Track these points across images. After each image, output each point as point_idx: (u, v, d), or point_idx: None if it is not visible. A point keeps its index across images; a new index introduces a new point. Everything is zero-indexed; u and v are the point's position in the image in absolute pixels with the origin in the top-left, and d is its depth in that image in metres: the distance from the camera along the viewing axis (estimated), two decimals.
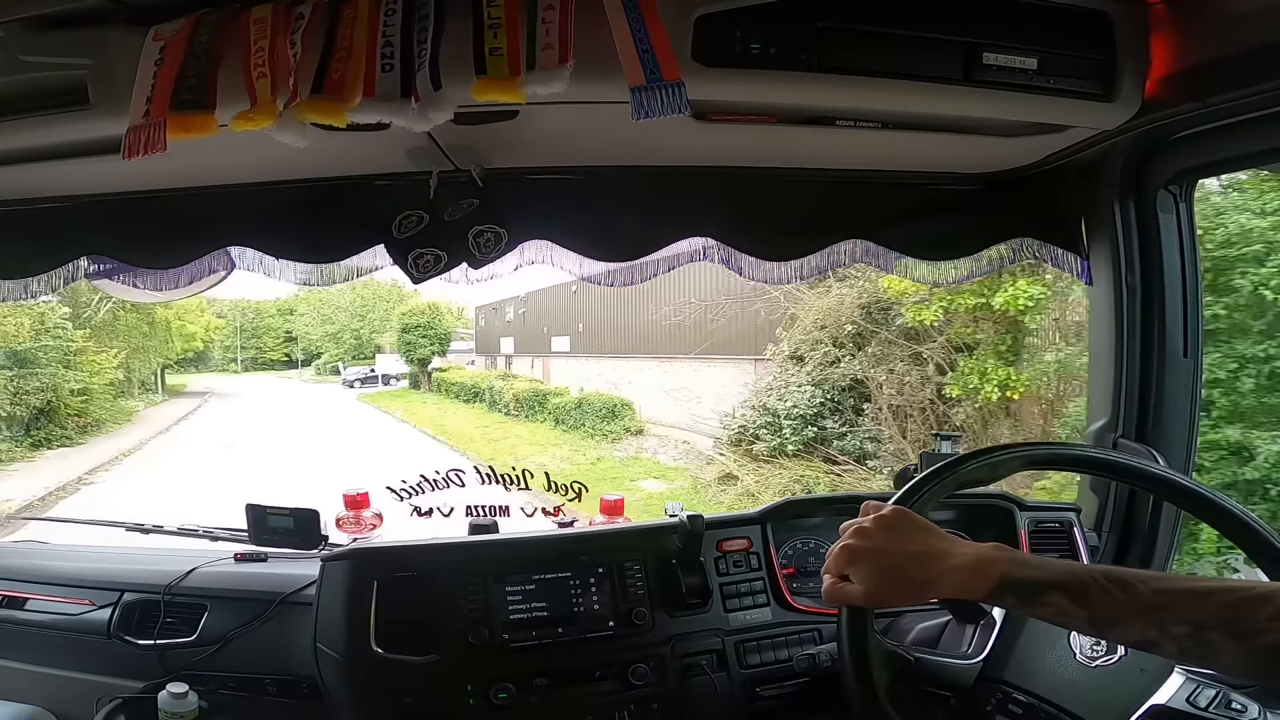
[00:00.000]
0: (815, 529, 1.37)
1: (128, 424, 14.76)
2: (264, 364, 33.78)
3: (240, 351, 33.88)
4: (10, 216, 1.35)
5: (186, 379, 27.18)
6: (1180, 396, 1.31)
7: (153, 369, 18.70)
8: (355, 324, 28.71)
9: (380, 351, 26.63)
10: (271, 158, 1.21)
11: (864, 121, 1.12)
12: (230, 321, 32.17)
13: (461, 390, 17.88)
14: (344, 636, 1.14)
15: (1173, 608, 0.64)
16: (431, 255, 1.22)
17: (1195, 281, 1.29)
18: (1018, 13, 1.00)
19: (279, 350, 33.83)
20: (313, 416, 17.74)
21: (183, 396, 22.25)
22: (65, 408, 12.52)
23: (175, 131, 0.87)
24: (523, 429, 13.26)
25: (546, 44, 0.84)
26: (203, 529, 1.55)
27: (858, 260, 1.42)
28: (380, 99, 0.85)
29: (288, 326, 33.21)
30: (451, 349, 22.35)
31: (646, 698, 1.17)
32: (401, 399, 20.23)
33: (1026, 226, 1.39)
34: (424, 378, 21.22)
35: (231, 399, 22.36)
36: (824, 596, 0.78)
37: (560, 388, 14.22)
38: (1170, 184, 1.25)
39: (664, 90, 0.83)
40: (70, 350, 12.68)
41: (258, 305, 33.79)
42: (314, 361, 30.52)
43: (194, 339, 23.47)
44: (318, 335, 30.32)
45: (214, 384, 26.57)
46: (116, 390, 14.96)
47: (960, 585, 0.70)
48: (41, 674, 1.34)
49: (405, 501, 1.45)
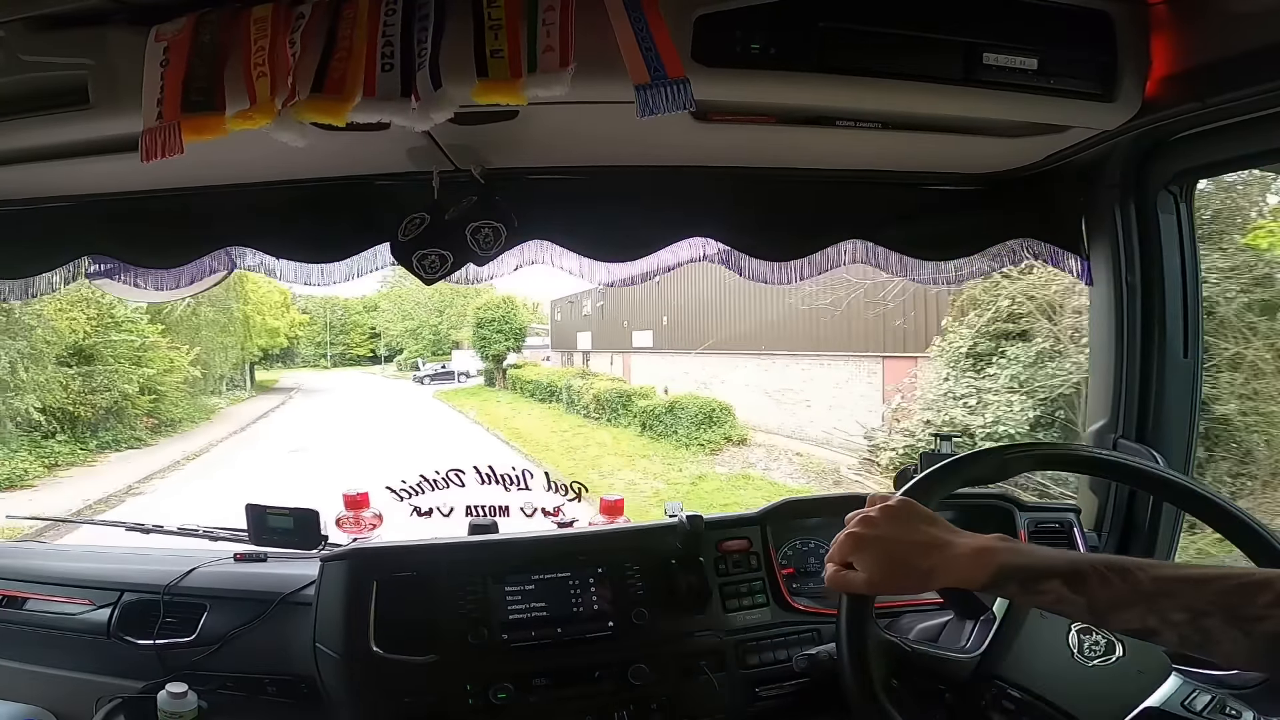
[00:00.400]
0: (815, 529, 1.37)
1: (206, 422, 14.20)
2: (351, 359, 34.02)
3: (329, 347, 34.09)
4: (11, 216, 1.35)
5: (278, 374, 26.99)
6: (1180, 397, 1.31)
7: (234, 365, 18.20)
8: (434, 319, 28.51)
9: (458, 347, 26.35)
10: (272, 158, 1.21)
11: (864, 122, 1.12)
12: (315, 317, 32.16)
13: (537, 389, 16.82)
14: (343, 636, 1.14)
15: (1172, 595, 0.63)
16: (436, 255, 1.22)
17: (1195, 282, 1.29)
18: (1018, 13, 1.00)
19: (365, 346, 34.01)
20: (387, 414, 16.91)
21: (271, 392, 21.94)
22: (133, 407, 11.91)
23: (188, 134, 0.88)
24: (605, 435, 11.89)
25: (547, 46, 0.84)
26: (202, 529, 1.55)
27: (858, 260, 1.42)
28: (380, 98, 0.85)
29: (372, 322, 33.23)
30: (527, 345, 21.72)
31: (646, 698, 1.17)
32: (475, 397, 19.43)
33: (1026, 227, 1.39)
34: (499, 374, 20.66)
35: (315, 395, 22.05)
36: (827, 583, 0.79)
37: (646, 388, 12.91)
38: (1170, 184, 1.25)
39: (669, 87, 0.83)
40: (141, 346, 12.13)
41: (345, 302, 34.00)
42: (396, 357, 30.38)
43: (278, 334, 23.05)
44: (398, 331, 30.19)
45: (303, 379, 26.37)
46: (196, 387, 14.48)
47: (961, 574, 0.71)
48: (41, 674, 1.33)
49: (405, 501, 1.45)
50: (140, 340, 12.07)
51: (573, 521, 1.46)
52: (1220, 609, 0.62)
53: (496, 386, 20.35)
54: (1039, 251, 1.40)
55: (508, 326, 20.75)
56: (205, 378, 15.15)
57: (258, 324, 19.75)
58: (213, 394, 16.27)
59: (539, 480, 1.50)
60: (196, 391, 14.71)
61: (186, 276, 1.39)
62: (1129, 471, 1.01)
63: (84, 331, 10.90)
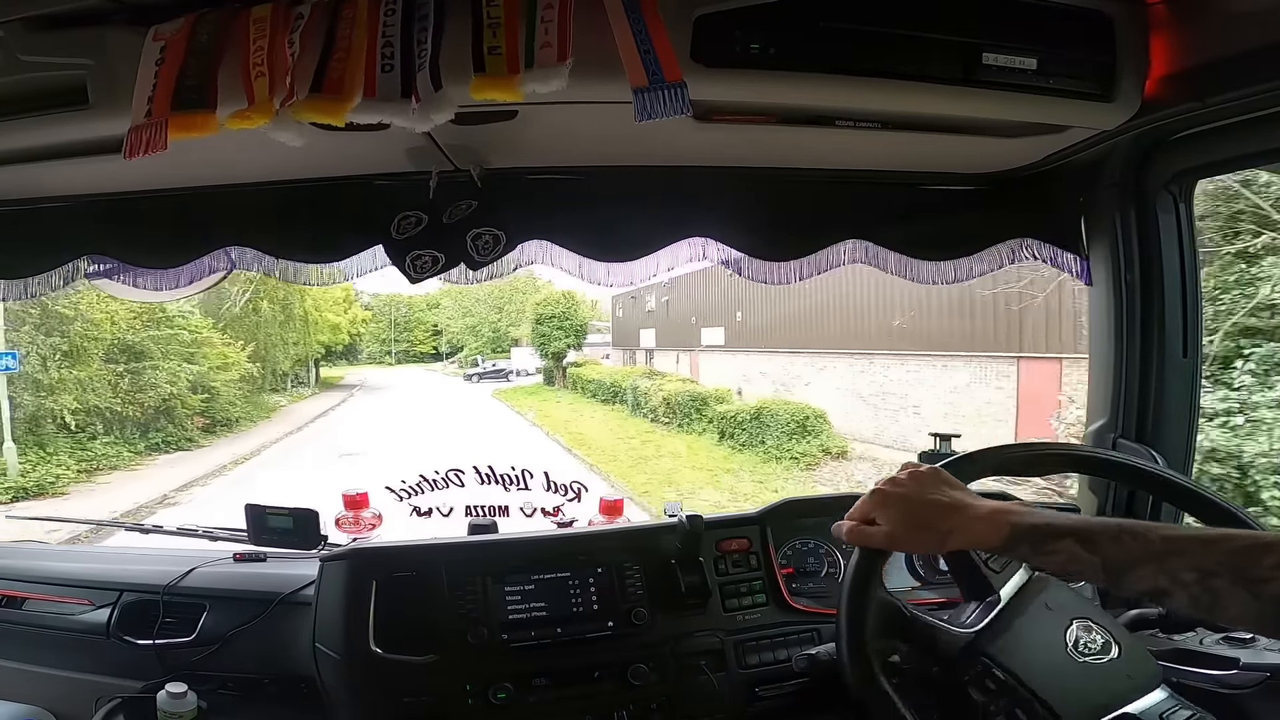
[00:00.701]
0: (814, 529, 1.37)
1: (265, 421, 13.67)
2: (414, 357, 34.03)
3: (393, 344, 34.08)
4: (10, 216, 1.35)
5: (343, 371, 26.72)
6: (1179, 397, 1.31)
7: (298, 361, 17.78)
8: (493, 317, 28.20)
9: (517, 345, 25.95)
10: (271, 158, 1.21)
11: (864, 122, 1.12)
12: (379, 314, 32.12)
13: (599, 389, 15.91)
14: (343, 636, 1.14)
15: (1182, 554, 0.64)
16: (429, 256, 1.22)
17: (1195, 282, 1.29)
18: (1017, 13, 1.00)
19: (428, 343, 34.10)
20: (443, 414, 16.09)
21: (335, 389, 21.68)
22: (183, 406, 11.27)
23: (176, 131, 0.87)
24: (677, 443, 10.66)
25: (545, 42, 0.84)
26: (202, 529, 1.55)
27: (857, 260, 1.42)
28: (380, 99, 0.85)
29: (434, 320, 33.29)
30: (586, 342, 21.04)
31: (645, 698, 1.17)
32: (534, 396, 18.53)
33: (1026, 226, 1.39)
34: (558, 373, 19.83)
35: (376, 393, 21.56)
36: (844, 536, 0.81)
37: (721, 390, 11.73)
38: (1170, 184, 1.25)
39: (666, 91, 0.83)
40: (192, 342, 11.65)
41: (409, 299, 34.07)
42: (457, 355, 30.34)
43: (340, 331, 22.57)
44: (458, 328, 30.13)
45: (367, 376, 25.91)
46: (255, 385, 13.89)
47: (977, 535, 0.73)
48: (40, 674, 1.33)
49: (405, 501, 1.45)
50: (192, 336, 11.66)
51: (572, 521, 1.46)
52: (1228, 570, 0.62)
53: (556, 385, 19.59)
54: (1039, 251, 1.40)
55: (568, 323, 20.01)
56: (265, 374, 14.70)
57: (318, 320, 19.20)
58: (274, 391, 15.86)
59: (538, 480, 1.50)
60: (256, 389, 14.20)
61: (185, 276, 1.39)
62: (1127, 472, 1.01)
63: (125, 326, 10.41)
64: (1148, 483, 1.03)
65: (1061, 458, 1.00)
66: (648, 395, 12.90)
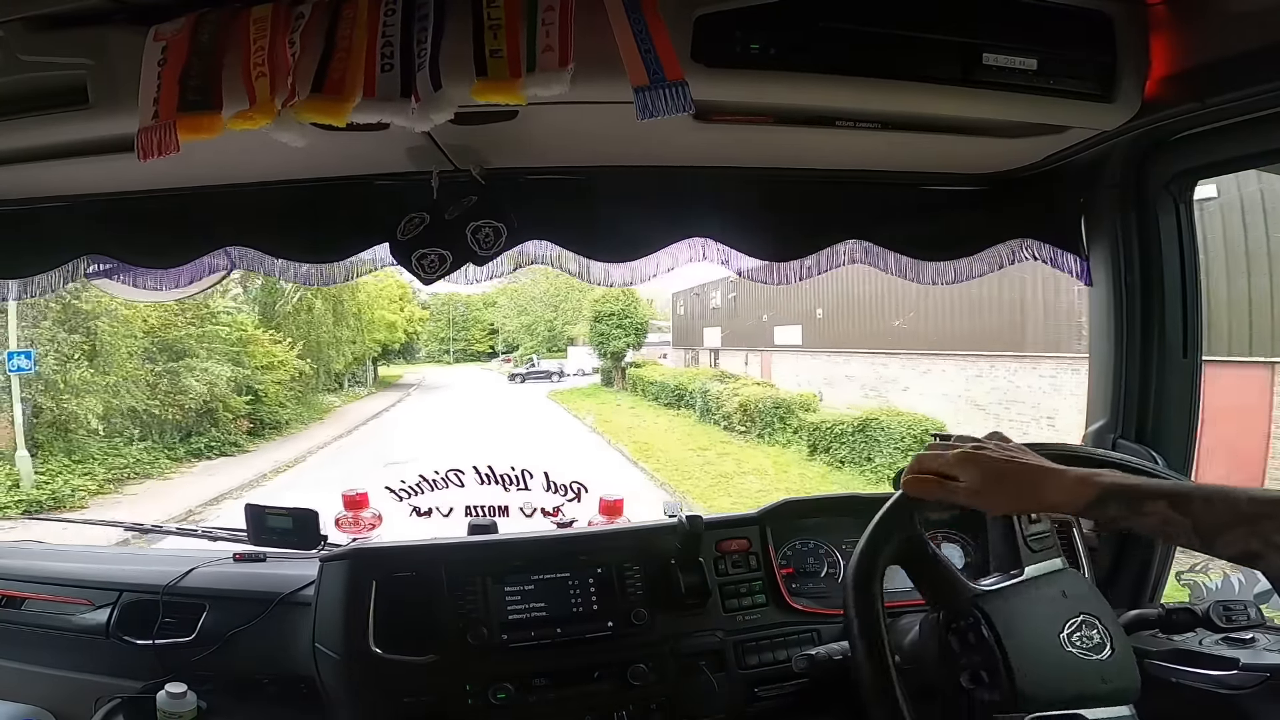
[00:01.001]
0: (814, 529, 1.37)
1: (317, 423, 12.80)
2: (472, 355, 33.62)
3: (451, 343, 33.77)
4: (10, 216, 1.35)
5: (401, 370, 26.16)
6: (1179, 397, 1.31)
7: (354, 360, 16.70)
8: (549, 315, 26.92)
9: (573, 344, 25.07)
10: (271, 158, 1.21)
11: (863, 122, 1.12)
12: (436, 313, 31.56)
13: (662, 392, 14.64)
14: (342, 636, 1.14)
15: (1272, 516, 0.65)
16: (436, 255, 1.22)
17: (1195, 282, 1.29)
18: (1017, 13, 1.00)
19: (485, 342, 33.59)
20: (497, 416, 15.07)
21: (392, 388, 20.79)
22: (225, 408, 10.46)
23: (184, 133, 0.88)
24: (759, 457, 9.34)
25: (546, 45, 0.84)
26: (201, 529, 1.55)
27: (857, 260, 1.42)
28: (380, 99, 0.85)
29: (491, 319, 32.55)
30: (645, 341, 19.60)
31: (645, 698, 1.17)
32: (592, 399, 17.23)
33: (1026, 227, 1.39)
34: (617, 373, 18.48)
35: (432, 393, 20.75)
36: (922, 493, 0.82)
37: (806, 395, 10.42)
38: (1170, 184, 1.25)
39: (667, 90, 0.83)
40: (238, 340, 10.82)
41: (466, 298, 33.59)
42: (512, 353, 29.51)
43: (395, 329, 21.35)
44: (514, 327, 29.13)
45: (425, 375, 25.45)
46: (308, 384, 13.04)
47: (1068, 494, 0.75)
48: (40, 674, 1.33)
49: (404, 502, 1.45)
50: (235, 334, 10.83)
51: (572, 522, 1.46)
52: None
53: (615, 387, 18.32)
54: (1039, 251, 1.40)
55: (628, 321, 18.46)
56: (317, 374, 13.71)
57: (372, 318, 17.84)
58: (329, 390, 14.99)
59: (538, 480, 1.50)
60: (309, 389, 13.33)
61: (186, 276, 1.39)
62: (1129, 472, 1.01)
63: (157, 322, 9.57)
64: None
65: (1060, 458, 1.00)
66: (720, 400, 11.60)
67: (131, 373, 9.21)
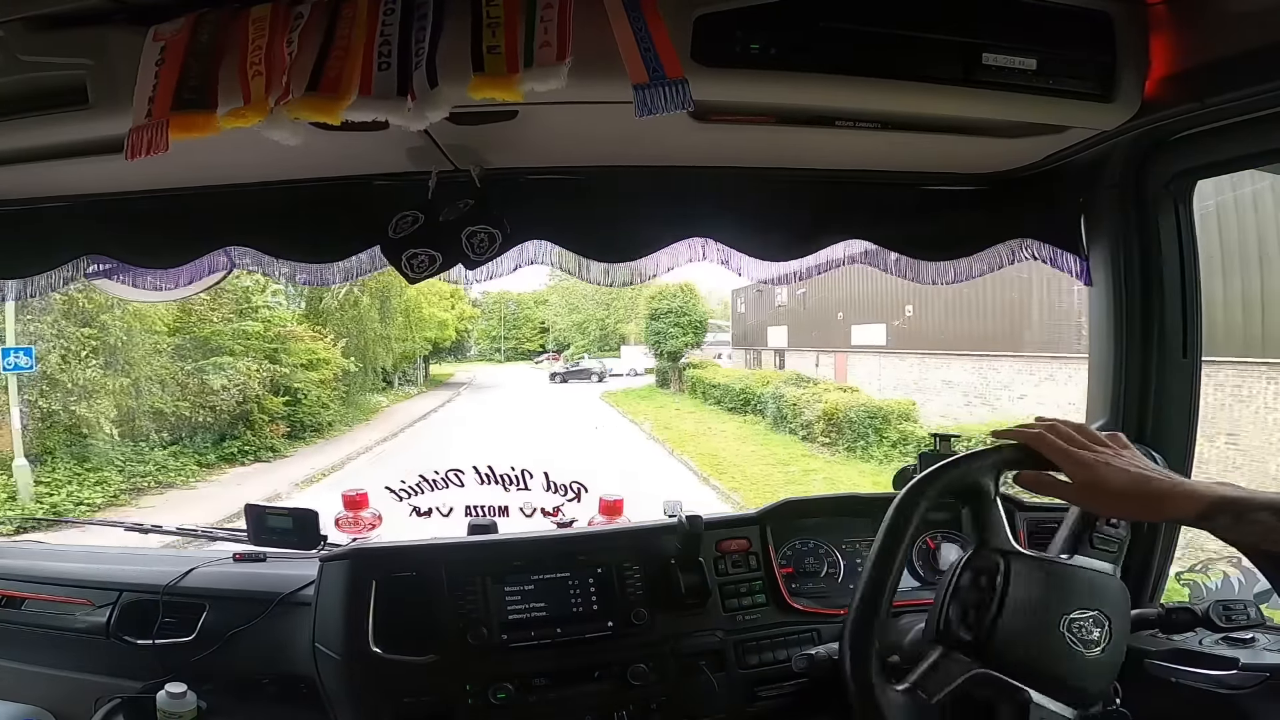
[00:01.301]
0: (814, 529, 1.37)
1: (364, 424, 12.07)
2: (523, 354, 33.17)
3: (503, 341, 33.35)
4: (10, 216, 1.35)
5: (453, 368, 25.63)
6: (1179, 397, 1.31)
7: (404, 358, 15.94)
8: (600, 313, 26.19)
9: (625, 343, 24.51)
10: (271, 158, 1.21)
11: (863, 122, 1.12)
12: (487, 311, 31.13)
13: (725, 395, 13.31)
14: (342, 636, 1.14)
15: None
16: (426, 255, 1.21)
17: (1195, 282, 1.28)
18: (1017, 13, 1.00)
19: (535, 341, 33.10)
20: (549, 418, 14.29)
21: (442, 387, 20.22)
22: (260, 410, 9.69)
23: (177, 131, 0.87)
24: (852, 474, 8.29)
25: (545, 41, 0.84)
26: (201, 529, 1.56)
27: (857, 261, 1.42)
28: (376, 97, 0.84)
29: (541, 317, 32.21)
30: (703, 340, 18.57)
31: (645, 698, 1.17)
32: (648, 401, 16.05)
33: (1026, 227, 1.39)
34: (673, 375, 17.17)
35: (483, 392, 20.07)
36: (1034, 486, 0.83)
37: (904, 403, 9.09)
38: (1170, 184, 1.24)
39: (667, 87, 0.83)
40: (275, 337, 10.17)
41: (518, 296, 33.07)
42: (563, 352, 28.67)
43: (446, 327, 19.86)
44: (565, 325, 28.60)
45: (476, 374, 24.94)
46: (354, 384, 12.28)
47: (1181, 503, 0.76)
48: (40, 674, 1.34)
49: (404, 501, 1.45)
50: (274, 329, 10.10)
51: (572, 522, 1.46)
52: None
53: (671, 389, 17.04)
54: (1039, 251, 1.40)
55: (686, 319, 17.23)
56: (364, 372, 12.93)
57: (422, 315, 16.62)
58: (377, 390, 14.14)
59: (538, 480, 1.50)
60: (355, 388, 12.53)
61: (185, 276, 1.39)
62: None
63: (181, 318, 8.93)
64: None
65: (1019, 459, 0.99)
66: (797, 407, 10.23)
67: (157, 371, 8.55)
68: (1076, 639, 0.84)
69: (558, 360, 26.86)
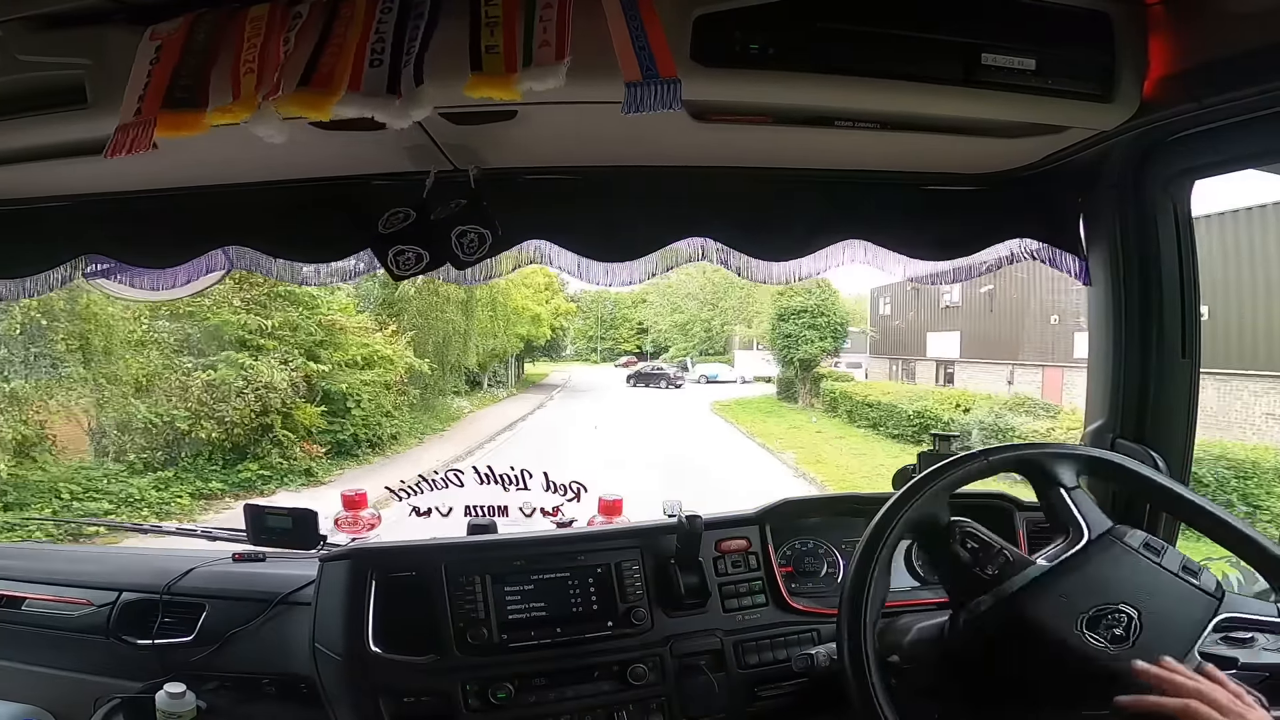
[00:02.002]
0: (814, 529, 1.37)
1: (437, 435, 10.03)
2: (619, 355, 31.51)
3: (599, 341, 31.98)
4: (8, 216, 1.35)
5: (549, 368, 24.08)
6: (1178, 397, 1.31)
7: (490, 356, 13.65)
8: (705, 313, 23.65)
9: (744, 347, 21.83)
10: (271, 158, 1.21)
11: (862, 122, 1.12)
12: (583, 309, 28.90)
13: (889, 418, 10.45)
14: (342, 636, 1.14)
15: None
16: (413, 253, 1.20)
17: (1193, 282, 1.29)
18: (1016, 13, 1.00)
19: (632, 341, 31.52)
20: (656, 431, 12.14)
21: (535, 389, 18.22)
22: (282, 424, 7.55)
23: (165, 129, 0.86)
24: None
25: (543, 41, 0.83)
26: (201, 529, 1.56)
27: (856, 260, 1.42)
28: (365, 94, 0.83)
29: (639, 317, 30.21)
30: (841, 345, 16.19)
31: (645, 698, 1.17)
32: (774, 418, 13.33)
33: (1025, 227, 1.39)
34: (804, 386, 14.56)
35: (579, 397, 17.68)
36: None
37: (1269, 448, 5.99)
38: (1168, 185, 1.25)
39: (658, 86, 0.82)
40: (320, 326, 8.15)
41: (615, 296, 30.73)
42: (662, 354, 27.03)
43: (541, 322, 17.15)
44: (666, 325, 26.12)
45: (572, 374, 23.39)
46: (427, 385, 10.25)
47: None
48: (39, 674, 1.34)
49: (404, 501, 1.45)
50: (318, 317, 8.00)
51: (571, 521, 1.46)
52: None
53: (799, 403, 14.45)
54: (1038, 252, 1.40)
55: (823, 320, 14.41)
56: (443, 372, 10.86)
57: (515, 309, 14.04)
58: (457, 393, 12.06)
59: (537, 480, 1.50)
60: (431, 390, 10.49)
61: (183, 276, 1.39)
62: (1127, 475, 1.01)
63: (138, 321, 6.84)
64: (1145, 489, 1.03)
65: (1063, 458, 1.00)
66: None
67: (137, 371, 6.74)
68: (1095, 638, 0.85)
69: (636, 364, 25.29)
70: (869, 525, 0.93)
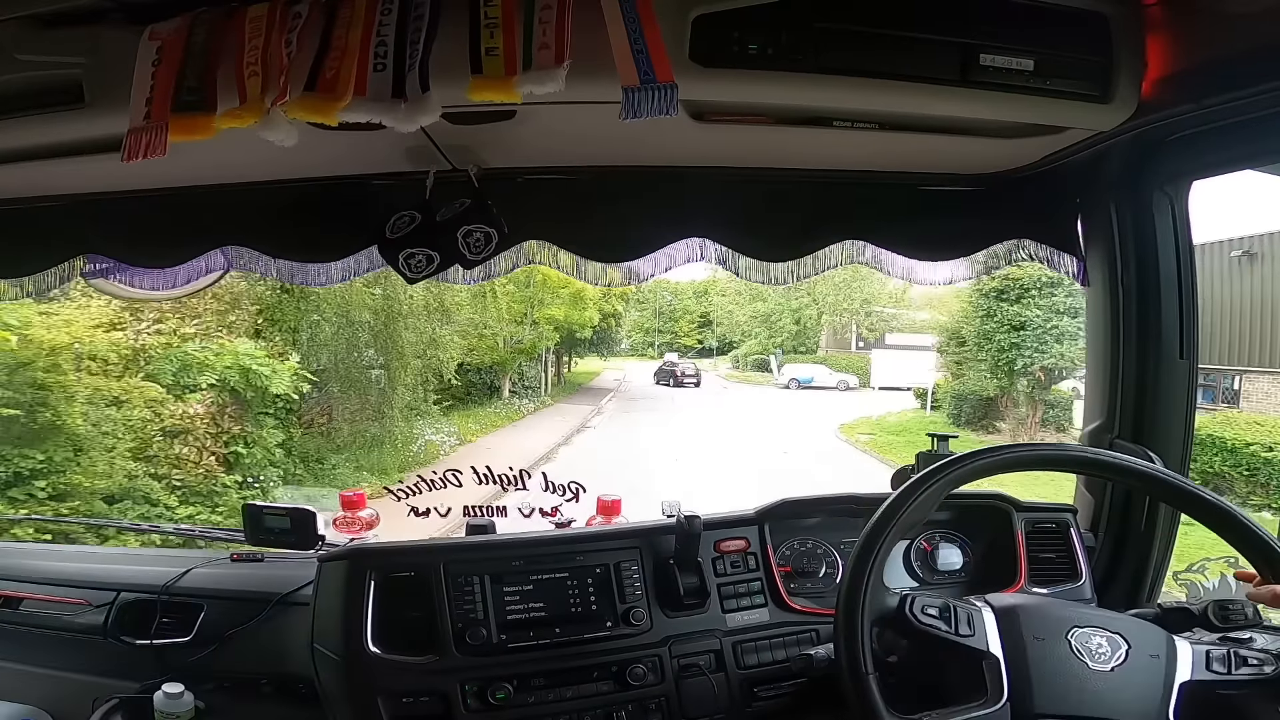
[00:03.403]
0: (813, 529, 1.37)
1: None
2: (677, 349, 27.56)
3: (657, 335, 28.29)
4: (6, 216, 1.35)
5: (599, 366, 20.56)
6: (1176, 397, 1.31)
7: (504, 357, 10.91)
8: (797, 303, 20.16)
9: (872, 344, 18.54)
10: (269, 157, 1.21)
11: (861, 122, 1.12)
12: (640, 300, 25.39)
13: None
14: (340, 636, 1.14)
15: None
16: (424, 255, 1.21)
17: (1191, 283, 1.29)
18: (1014, 14, 1.00)
19: (692, 336, 28.29)
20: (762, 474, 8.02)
21: (581, 395, 14.51)
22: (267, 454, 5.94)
23: (176, 133, 0.87)
24: None
25: (543, 43, 0.84)
26: (199, 529, 1.55)
27: (854, 261, 1.42)
28: (371, 98, 0.84)
29: (703, 309, 27.36)
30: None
31: (644, 698, 1.17)
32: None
33: (1023, 227, 1.40)
34: (1032, 411, 9.84)
35: (636, 408, 13.73)
36: None
37: None
38: (1166, 185, 1.25)
39: (655, 91, 0.83)
40: None
41: (674, 286, 27.59)
42: (731, 350, 23.88)
43: (584, 305, 13.01)
44: (742, 316, 22.81)
45: (628, 373, 20.15)
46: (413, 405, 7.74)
47: None
48: (38, 674, 1.33)
49: (402, 502, 1.45)
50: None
51: (570, 521, 1.46)
52: None
53: (1004, 437, 9.57)
54: (1036, 252, 1.40)
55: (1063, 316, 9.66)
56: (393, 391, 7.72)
57: (548, 286, 10.96)
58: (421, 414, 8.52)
59: (536, 480, 1.49)
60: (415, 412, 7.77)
61: (182, 276, 1.39)
62: (1124, 470, 1.01)
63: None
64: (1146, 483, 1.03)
65: (1062, 459, 1.01)
66: None
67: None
68: (1115, 662, 0.87)
69: (678, 363, 21.56)
70: (866, 526, 0.93)
